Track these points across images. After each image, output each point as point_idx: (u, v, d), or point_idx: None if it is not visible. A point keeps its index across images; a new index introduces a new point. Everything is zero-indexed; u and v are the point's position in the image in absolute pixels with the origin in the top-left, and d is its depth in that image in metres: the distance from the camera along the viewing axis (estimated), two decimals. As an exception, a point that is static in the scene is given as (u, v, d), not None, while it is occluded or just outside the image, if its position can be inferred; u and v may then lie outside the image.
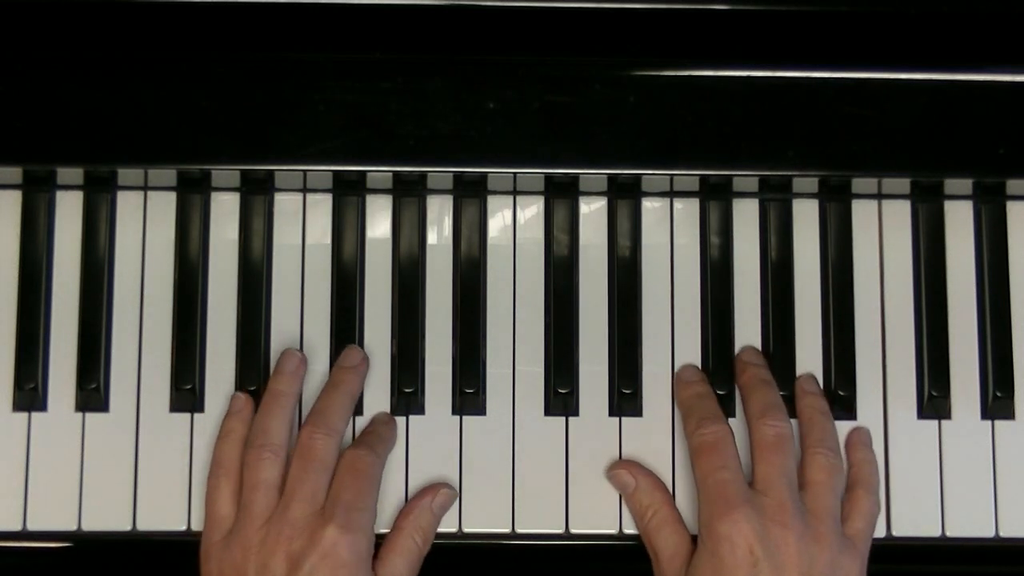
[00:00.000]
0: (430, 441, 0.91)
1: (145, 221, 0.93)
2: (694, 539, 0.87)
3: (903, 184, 0.93)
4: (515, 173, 0.90)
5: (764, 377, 0.91)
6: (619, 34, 0.90)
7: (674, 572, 0.86)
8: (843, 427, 0.92)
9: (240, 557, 0.84)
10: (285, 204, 0.94)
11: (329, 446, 0.87)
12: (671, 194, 0.94)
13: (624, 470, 0.90)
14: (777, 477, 0.86)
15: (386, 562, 0.87)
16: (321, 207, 0.94)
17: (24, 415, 0.91)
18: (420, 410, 0.92)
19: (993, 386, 0.92)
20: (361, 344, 0.92)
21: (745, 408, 0.91)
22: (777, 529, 0.84)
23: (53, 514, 0.90)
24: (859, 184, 0.93)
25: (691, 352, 0.93)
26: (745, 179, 0.92)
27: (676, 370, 0.92)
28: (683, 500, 0.91)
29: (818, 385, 0.92)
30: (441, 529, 0.90)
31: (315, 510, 0.85)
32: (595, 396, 0.92)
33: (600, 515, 0.91)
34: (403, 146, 0.88)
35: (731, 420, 0.91)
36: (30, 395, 0.91)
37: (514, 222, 0.94)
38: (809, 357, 0.93)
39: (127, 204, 0.93)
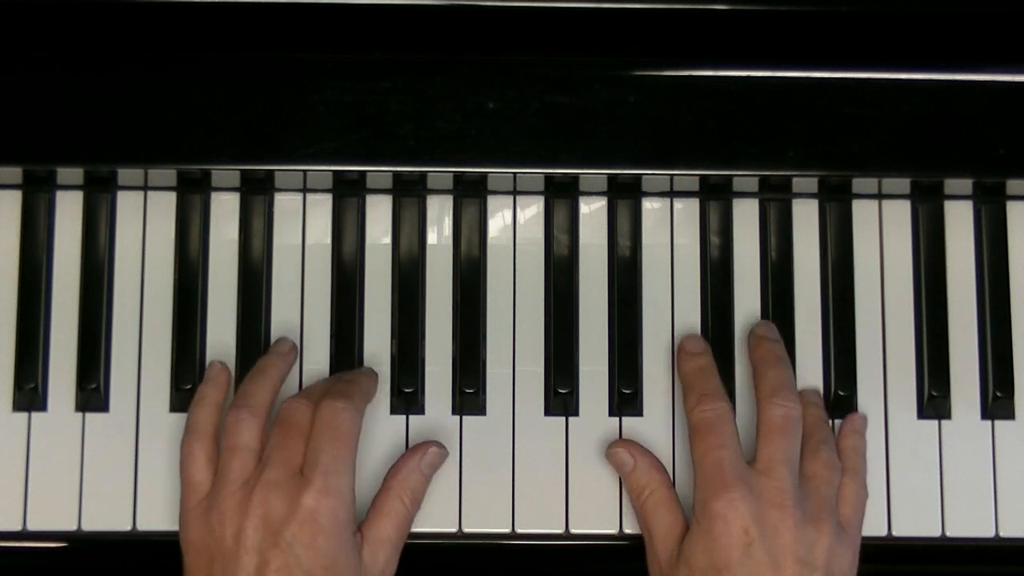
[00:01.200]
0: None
1: (145, 221, 0.93)
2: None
3: (903, 184, 0.93)
4: (515, 173, 0.90)
5: (779, 354, 0.90)
6: (619, 34, 0.90)
7: (667, 552, 0.86)
8: (843, 427, 0.93)
9: (217, 523, 0.83)
10: (285, 204, 0.94)
11: (310, 415, 0.86)
12: (671, 194, 0.94)
13: (623, 448, 0.89)
14: (780, 460, 0.85)
15: (374, 525, 0.86)
16: (321, 207, 0.94)
17: (24, 415, 0.91)
18: (420, 410, 0.92)
19: (993, 386, 0.92)
20: (361, 344, 0.92)
21: (756, 384, 0.90)
22: (775, 512, 0.83)
23: (53, 514, 0.90)
24: (859, 184, 0.93)
25: (691, 352, 0.93)
26: (745, 179, 0.92)
27: (679, 340, 0.91)
28: (683, 497, 0.90)
29: (820, 398, 0.92)
30: (441, 529, 0.90)
31: (292, 474, 0.84)
32: (595, 396, 0.92)
33: (600, 515, 0.91)
34: (403, 146, 0.88)
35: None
36: (30, 395, 0.91)
37: (514, 222, 0.94)
38: (809, 357, 0.93)
39: (127, 204, 0.93)
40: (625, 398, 0.92)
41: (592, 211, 0.94)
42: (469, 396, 0.91)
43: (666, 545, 0.86)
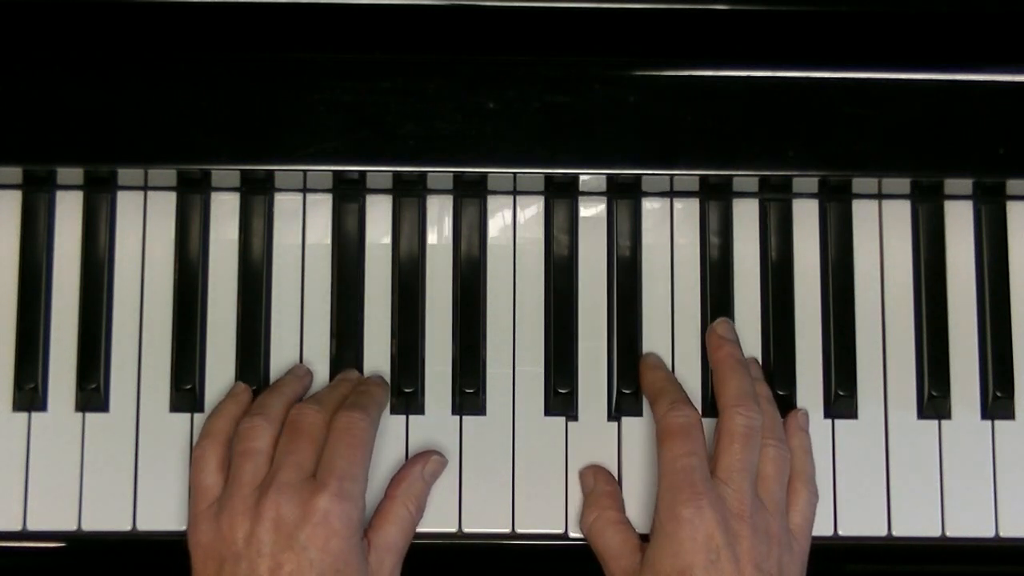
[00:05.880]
0: (430, 441, 0.91)
1: (145, 221, 0.93)
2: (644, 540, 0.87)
3: (903, 184, 0.93)
4: (515, 173, 0.90)
5: (740, 358, 0.91)
6: (619, 34, 0.90)
7: (622, 570, 0.86)
8: (844, 427, 0.92)
9: (228, 525, 0.83)
10: (285, 204, 0.94)
11: (319, 420, 0.86)
12: (671, 194, 0.94)
13: (589, 470, 0.91)
14: (740, 470, 0.86)
15: (380, 531, 0.86)
16: (321, 207, 0.94)
17: (24, 415, 0.91)
18: (420, 410, 0.92)
19: (993, 386, 0.92)
20: (361, 344, 0.92)
21: (717, 388, 0.90)
22: (735, 521, 0.84)
23: (53, 514, 0.90)
24: (859, 184, 0.93)
25: (691, 352, 0.93)
26: (745, 179, 0.92)
27: (642, 355, 0.92)
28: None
29: (760, 370, 0.92)
30: (441, 529, 0.90)
31: (304, 478, 0.84)
32: (595, 396, 0.92)
33: (600, 515, 0.91)
34: (403, 146, 0.88)
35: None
36: (30, 395, 0.91)
37: (514, 222, 0.94)
38: (809, 357, 0.93)
39: (127, 204, 0.93)
40: (625, 398, 0.92)
41: (592, 211, 0.94)
42: (469, 396, 0.91)
43: (620, 563, 0.87)
